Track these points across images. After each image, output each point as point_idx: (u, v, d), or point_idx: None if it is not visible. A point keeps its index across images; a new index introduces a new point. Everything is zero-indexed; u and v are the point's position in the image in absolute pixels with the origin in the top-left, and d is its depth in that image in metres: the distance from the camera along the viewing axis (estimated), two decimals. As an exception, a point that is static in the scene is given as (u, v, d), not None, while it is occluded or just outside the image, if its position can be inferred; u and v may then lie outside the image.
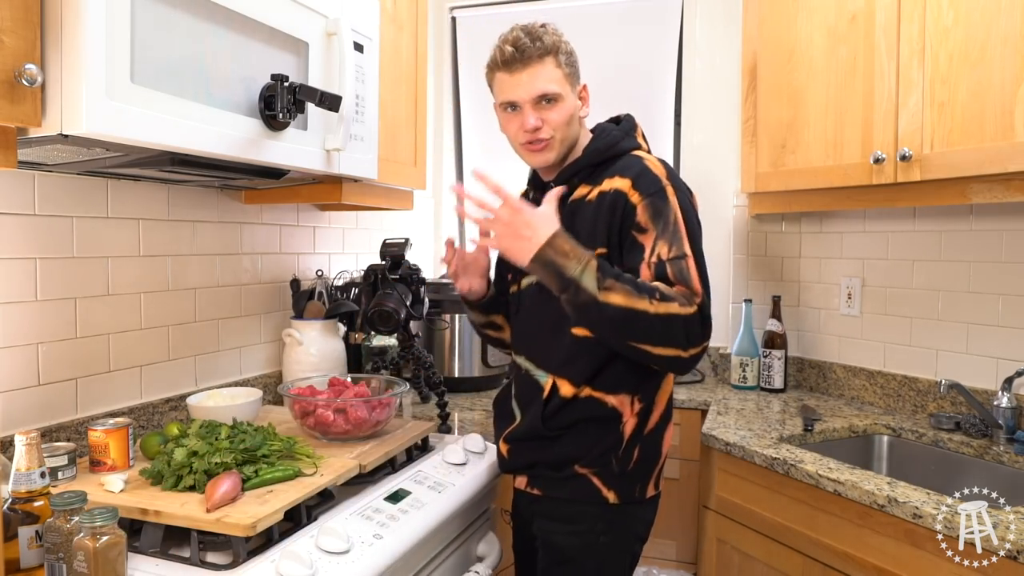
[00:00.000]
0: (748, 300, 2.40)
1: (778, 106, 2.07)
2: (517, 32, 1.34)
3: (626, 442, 1.33)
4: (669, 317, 1.17)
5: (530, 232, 1.21)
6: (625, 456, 1.33)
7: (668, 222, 1.26)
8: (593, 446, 1.32)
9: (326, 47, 1.40)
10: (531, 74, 1.32)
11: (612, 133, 1.40)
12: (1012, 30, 1.49)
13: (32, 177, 1.34)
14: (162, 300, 1.63)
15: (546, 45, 1.32)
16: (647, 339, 1.19)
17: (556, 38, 1.34)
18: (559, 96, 1.33)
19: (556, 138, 1.35)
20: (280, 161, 1.30)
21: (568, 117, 1.35)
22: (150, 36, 1.03)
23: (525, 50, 1.32)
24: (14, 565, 0.96)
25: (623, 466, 1.33)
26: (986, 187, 1.56)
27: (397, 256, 1.84)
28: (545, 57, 1.32)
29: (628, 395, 1.32)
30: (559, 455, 1.34)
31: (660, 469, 1.39)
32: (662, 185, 1.29)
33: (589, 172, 1.38)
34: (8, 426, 1.28)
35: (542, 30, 1.34)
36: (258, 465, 1.21)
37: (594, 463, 1.33)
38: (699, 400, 2.18)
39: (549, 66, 1.32)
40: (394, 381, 1.62)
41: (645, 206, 1.27)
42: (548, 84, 1.32)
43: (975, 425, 1.77)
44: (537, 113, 1.33)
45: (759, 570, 1.70)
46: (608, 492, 1.32)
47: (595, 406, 1.32)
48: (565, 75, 1.34)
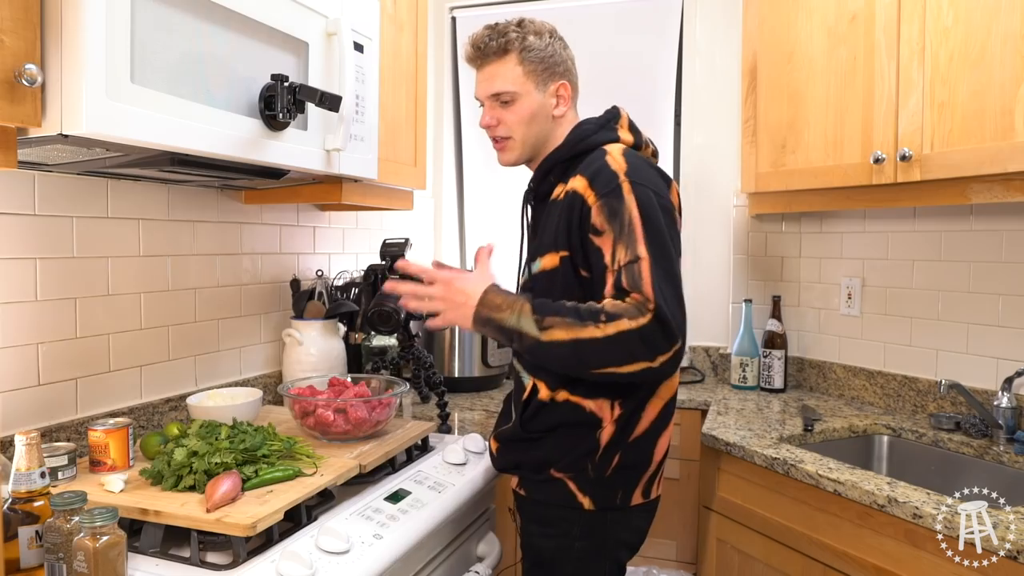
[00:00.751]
0: (748, 300, 2.40)
1: (778, 106, 2.07)
2: (484, 29, 1.33)
3: (604, 448, 1.28)
4: (620, 336, 1.12)
5: (464, 297, 1.22)
6: (602, 462, 1.29)
7: (623, 223, 1.19)
8: (569, 450, 1.29)
9: (326, 47, 1.40)
10: (489, 72, 1.33)
11: (585, 127, 1.36)
12: (1012, 30, 1.49)
13: (32, 177, 1.34)
14: (162, 300, 1.63)
15: (506, 42, 1.30)
16: (607, 363, 1.14)
17: (522, 35, 1.31)
18: (515, 95, 1.31)
19: (514, 138, 1.34)
20: (280, 161, 1.30)
21: (527, 116, 1.33)
22: (150, 36, 1.03)
23: (483, 47, 1.32)
24: (14, 565, 0.96)
25: (599, 472, 1.29)
26: (986, 187, 1.56)
27: (397, 256, 1.84)
28: (504, 56, 1.31)
29: (607, 400, 1.28)
30: (537, 458, 1.32)
31: (653, 476, 1.34)
32: (618, 183, 1.22)
33: (563, 169, 1.34)
34: (8, 426, 1.28)
35: (510, 27, 1.32)
36: (258, 465, 1.21)
37: (569, 468, 1.29)
38: (699, 400, 2.18)
39: (508, 64, 1.31)
40: (394, 381, 1.62)
41: (600, 207, 1.21)
42: (504, 84, 1.31)
43: (975, 425, 1.77)
44: (493, 112, 1.33)
45: (759, 570, 1.70)
46: (583, 497, 1.29)
47: (572, 410, 1.28)
48: (527, 72, 1.31)
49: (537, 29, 1.34)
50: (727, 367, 2.48)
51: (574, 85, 1.41)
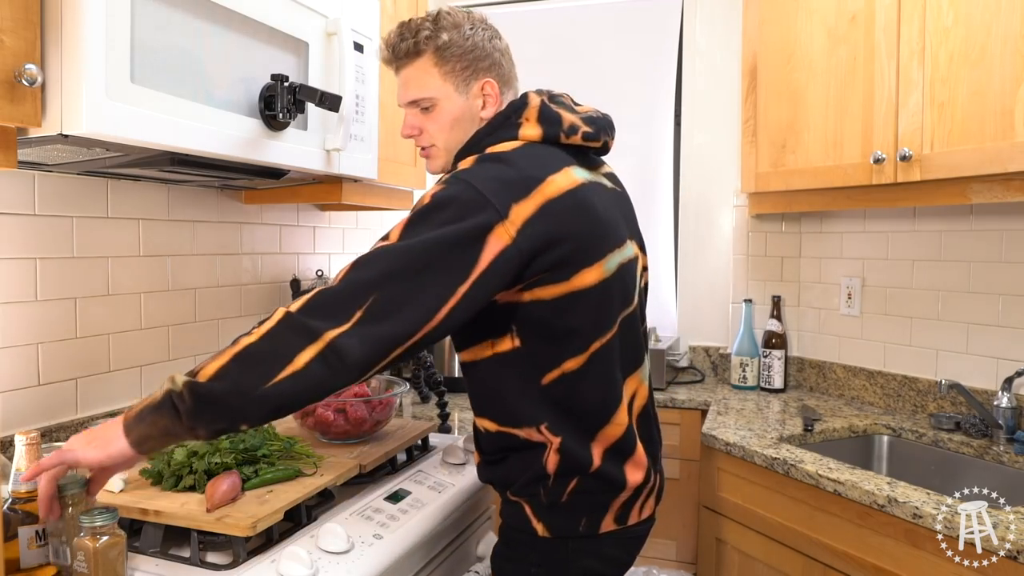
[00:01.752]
0: (748, 300, 2.40)
1: (778, 106, 2.07)
2: (397, 27, 1.19)
3: (555, 475, 1.14)
4: (265, 335, 0.95)
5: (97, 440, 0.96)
6: (556, 488, 1.14)
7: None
8: (521, 474, 1.17)
9: (326, 47, 1.40)
10: (404, 77, 1.20)
11: (481, 130, 1.20)
12: (1012, 30, 1.49)
13: (32, 177, 1.34)
14: (162, 300, 1.63)
15: (418, 42, 1.16)
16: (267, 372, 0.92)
17: (435, 31, 1.16)
18: (434, 101, 1.18)
19: (438, 146, 1.21)
20: (280, 161, 1.30)
21: (450, 122, 1.19)
22: (150, 36, 1.03)
23: (394, 48, 1.19)
24: (14, 565, 0.96)
25: (553, 497, 1.15)
26: (986, 187, 1.56)
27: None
28: (417, 57, 1.17)
29: (533, 427, 1.14)
30: (499, 478, 1.22)
31: (629, 501, 1.18)
32: (419, 204, 1.05)
33: None
34: (8, 426, 1.28)
35: (425, 23, 1.17)
36: (258, 465, 1.21)
37: (522, 492, 1.17)
38: (699, 400, 2.18)
39: (422, 68, 1.17)
40: (394, 381, 1.62)
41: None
42: (420, 90, 1.18)
43: (975, 425, 1.77)
44: (415, 120, 1.21)
45: (759, 570, 1.70)
46: (537, 523, 1.16)
47: (510, 439, 1.17)
48: (444, 74, 1.17)
49: (456, 22, 1.18)
50: (727, 367, 2.48)
51: (504, 79, 1.23)
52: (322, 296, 0.97)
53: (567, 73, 2.62)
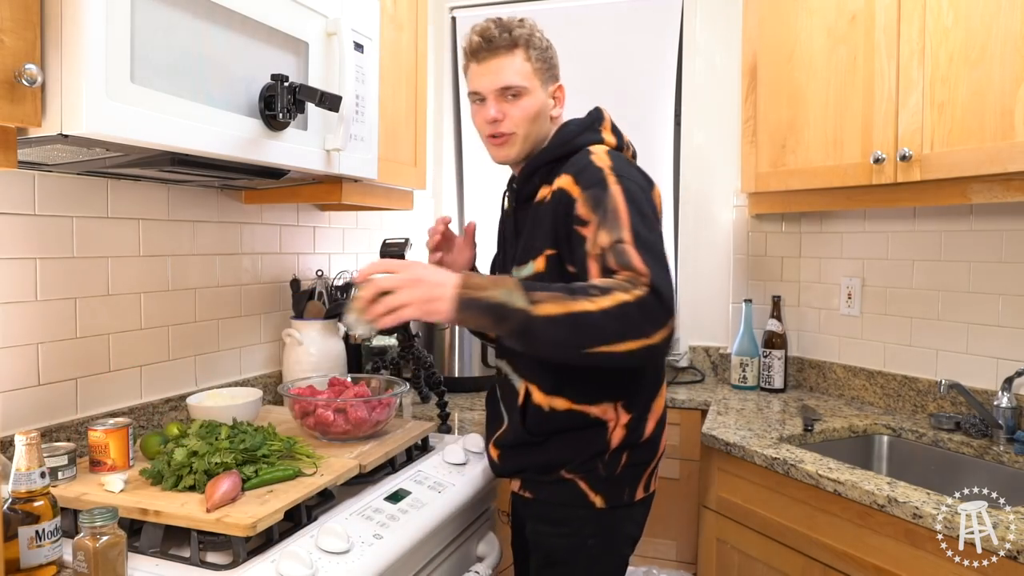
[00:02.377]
0: (748, 300, 2.40)
1: (778, 106, 2.07)
2: (488, 22, 1.31)
3: (613, 449, 1.30)
4: (615, 308, 1.05)
5: (439, 287, 1.08)
6: (612, 461, 1.30)
7: (607, 210, 1.17)
8: (579, 452, 1.30)
9: (326, 47, 1.40)
10: (497, 65, 1.30)
11: (570, 129, 1.35)
12: (1012, 30, 1.49)
13: (32, 177, 1.34)
14: (162, 300, 1.63)
15: (515, 37, 1.29)
16: (602, 339, 1.06)
17: (528, 32, 1.31)
18: (524, 90, 1.30)
19: (518, 134, 1.32)
20: (280, 161, 1.30)
21: (533, 114, 1.32)
22: (150, 36, 1.03)
23: (493, 40, 1.29)
24: (14, 565, 0.96)
25: (610, 471, 1.30)
26: (986, 187, 1.56)
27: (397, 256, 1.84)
28: (514, 49, 1.29)
29: (611, 404, 1.29)
30: (546, 460, 1.33)
31: (653, 470, 1.38)
32: (602, 176, 1.21)
33: (548, 171, 1.33)
34: (8, 426, 1.28)
35: (515, 23, 1.31)
36: (258, 465, 1.21)
37: (580, 468, 1.30)
38: (699, 400, 2.18)
39: (517, 59, 1.30)
40: (394, 381, 1.62)
41: (585, 198, 1.20)
42: (513, 77, 1.29)
43: (975, 425, 1.77)
44: (500, 106, 1.31)
45: (759, 570, 1.70)
46: (595, 496, 1.30)
47: (577, 418, 1.29)
48: (534, 70, 1.31)
49: (539, 29, 1.35)
50: (727, 367, 2.48)
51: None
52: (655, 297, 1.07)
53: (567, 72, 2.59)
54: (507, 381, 1.40)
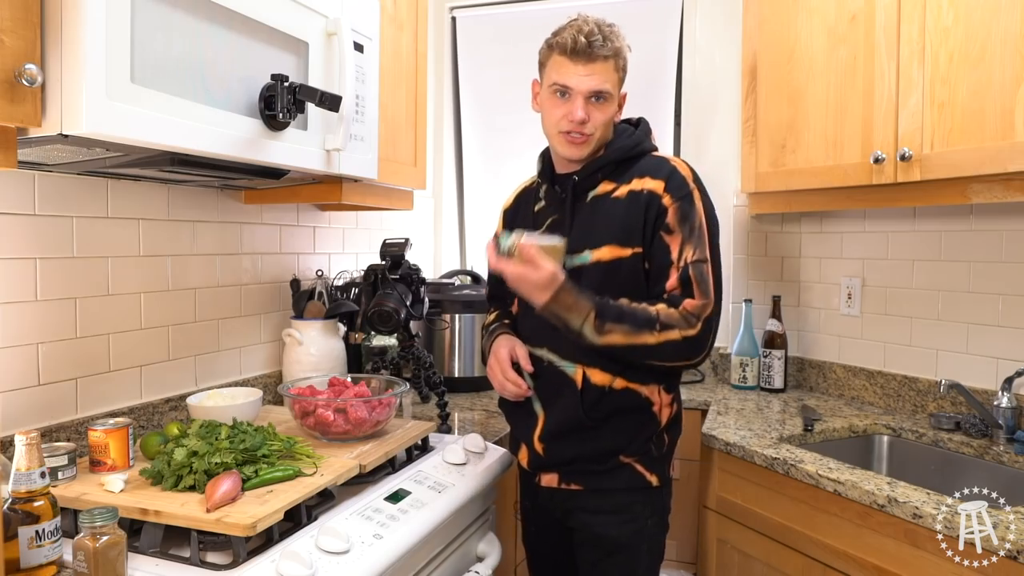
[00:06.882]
0: (748, 300, 2.40)
1: (778, 106, 2.07)
2: (592, 26, 1.37)
3: (661, 429, 1.41)
4: (670, 343, 1.29)
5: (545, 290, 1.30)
6: (659, 441, 1.42)
7: (694, 226, 1.34)
8: (634, 435, 1.39)
9: (326, 47, 1.40)
10: (595, 70, 1.36)
11: (635, 134, 1.46)
12: (1012, 30, 1.49)
13: (32, 177, 1.34)
14: (162, 300, 1.63)
15: (615, 48, 1.37)
16: (649, 358, 1.33)
17: (622, 44, 1.40)
18: (610, 97, 1.39)
19: (596, 136, 1.39)
20: (280, 161, 1.30)
21: (609, 118, 1.41)
22: (150, 36, 1.03)
23: (598, 47, 1.36)
24: (14, 565, 0.96)
25: (659, 450, 1.42)
26: (986, 187, 1.56)
27: (397, 256, 1.84)
28: (611, 59, 1.37)
29: (656, 385, 1.40)
30: (601, 447, 1.39)
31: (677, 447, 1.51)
32: (689, 189, 1.37)
33: (612, 169, 1.42)
34: (8, 426, 1.28)
35: (612, 32, 1.39)
36: (258, 465, 1.21)
37: (636, 451, 1.40)
38: (699, 400, 2.18)
39: (611, 68, 1.38)
40: (394, 381, 1.62)
41: (675, 209, 1.35)
42: (608, 85, 1.37)
43: (975, 425, 1.77)
44: (588, 108, 1.37)
45: (759, 570, 1.70)
46: (651, 476, 1.41)
47: (632, 396, 1.38)
48: (619, 79, 1.40)
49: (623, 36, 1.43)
50: (727, 367, 2.48)
51: None
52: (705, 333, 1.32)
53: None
54: (552, 369, 1.41)
